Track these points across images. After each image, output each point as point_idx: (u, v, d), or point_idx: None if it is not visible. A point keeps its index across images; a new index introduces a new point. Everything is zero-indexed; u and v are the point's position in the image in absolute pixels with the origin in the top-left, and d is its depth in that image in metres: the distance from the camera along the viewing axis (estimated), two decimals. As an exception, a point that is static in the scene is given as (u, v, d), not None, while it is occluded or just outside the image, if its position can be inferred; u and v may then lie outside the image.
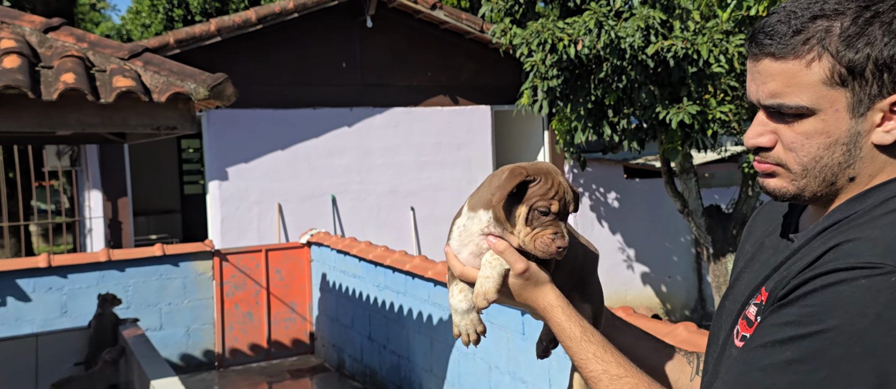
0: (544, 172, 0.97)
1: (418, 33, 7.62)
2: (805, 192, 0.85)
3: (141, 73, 2.86)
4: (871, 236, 0.76)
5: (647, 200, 8.44)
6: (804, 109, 0.81)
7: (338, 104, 7.30)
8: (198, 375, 5.85)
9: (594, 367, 0.89)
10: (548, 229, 0.94)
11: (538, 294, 0.96)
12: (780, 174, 0.86)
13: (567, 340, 0.93)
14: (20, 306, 5.25)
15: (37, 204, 7.94)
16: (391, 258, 4.86)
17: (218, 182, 6.80)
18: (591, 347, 0.90)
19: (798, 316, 0.74)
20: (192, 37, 6.36)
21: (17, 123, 2.54)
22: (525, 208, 0.94)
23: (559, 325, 0.94)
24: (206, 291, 6.01)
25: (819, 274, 0.75)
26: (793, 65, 0.80)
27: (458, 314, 0.98)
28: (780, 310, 0.76)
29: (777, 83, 0.82)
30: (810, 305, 0.73)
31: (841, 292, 0.72)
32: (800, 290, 0.76)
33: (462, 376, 4.11)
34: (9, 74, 2.45)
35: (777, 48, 0.81)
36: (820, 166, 0.83)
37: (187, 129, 2.99)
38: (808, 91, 0.80)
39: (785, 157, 0.84)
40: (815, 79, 0.80)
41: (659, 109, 5.62)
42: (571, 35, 5.68)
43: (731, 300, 0.93)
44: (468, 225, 1.00)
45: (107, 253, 5.57)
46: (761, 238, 0.98)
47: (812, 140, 0.82)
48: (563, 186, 0.96)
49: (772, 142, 0.85)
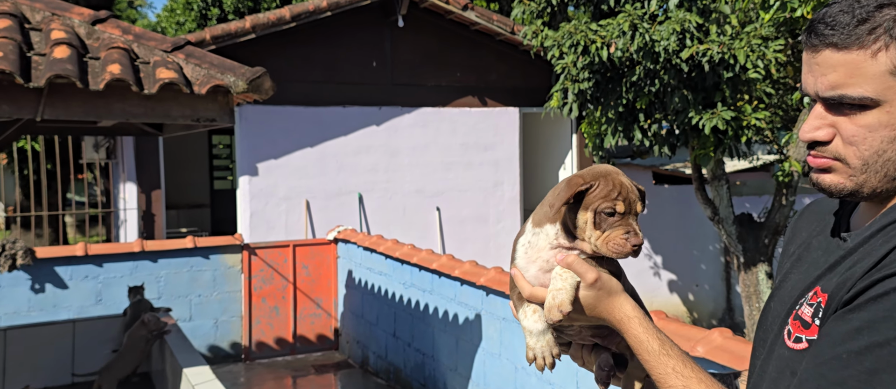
0: (602, 174, 0.95)
1: (449, 34, 7.65)
2: (864, 188, 0.82)
3: (183, 65, 2.92)
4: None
5: (676, 206, 8.33)
6: (868, 100, 0.79)
7: (367, 103, 7.35)
8: (225, 367, 5.94)
9: (674, 383, 0.86)
10: (618, 229, 0.92)
11: (613, 305, 0.93)
12: (838, 170, 0.83)
13: (645, 353, 0.90)
14: (57, 292, 5.39)
15: (73, 196, 8.13)
16: (418, 257, 4.88)
17: (248, 177, 6.91)
18: (670, 361, 0.87)
19: (871, 322, 0.71)
20: (227, 33, 6.47)
21: (66, 112, 2.62)
22: (590, 213, 0.93)
23: (636, 338, 0.91)
24: (235, 284, 6.10)
25: (889, 275, 0.72)
26: (857, 55, 0.78)
27: (534, 337, 0.95)
28: (848, 316, 0.74)
29: (839, 74, 0.80)
30: (883, 310, 0.71)
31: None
32: (868, 293, 0.73)
33: (487, 376, 4.10)
34: (59, 63, 2.53)
35: (840, 38, 0.79)
36: (882, 161, 0.80)
37: (226, 121, 3.05)
38: (873, 82, 0.78)
39: (844, 151, 0.82)
40: (881, 69, 0.78)
41: (692, 114, 5.54)
42: (604, 37, 5.64)
43: (778, 302, 0.91)
44: (534, 241, 0.97)
45: (140, 244, 5.69)
46: (808, 239, 0.95)
47: (875, 133, 0.79)
48: (625, 185, 0.95)
49: (830, 135, 0.82)
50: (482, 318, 4.15)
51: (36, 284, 5.33)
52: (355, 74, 7.32)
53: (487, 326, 4.11)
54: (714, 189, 6.56)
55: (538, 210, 0.99)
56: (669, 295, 8.36)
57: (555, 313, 0.91)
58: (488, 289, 4.04)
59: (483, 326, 4.15)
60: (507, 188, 7.91)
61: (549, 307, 0.91)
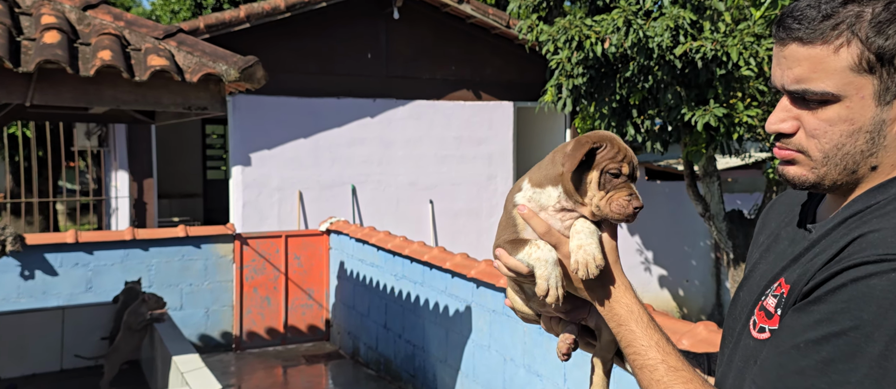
0: (607, 138, 0.95)
1: (444, 27, 7.63)
2: (825, 180, 0.84)
3: (174, 53, 2.91)
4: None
5: (667, 202, 8.37)
6: (829, 95, 0.80)
7: (362, 95, 7.34)
8: (215, 356, 5.94)
9: (654, 355, 0.86)
10: (621, 190, 0.91)
11: (617, 270, 0.93)
12: (801, 162, 0.85)
13: (634, 323, 0.89)
14: (47, 279, 5.37)
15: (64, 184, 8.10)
16: (409, 248, 4.89)
17: (241, 167, 6.89)
18: (655, 335, 0.88)
19: (829, 313, 0.73)
20: (221, 22, 6.44)
21: (56, 97, 2.61)
22: (596, 172, 0.92)
23: (629, 307, 0.91)
24: (227, 274, 6.09)
25: (846, 268, 0.74)
26: (820, 50, 0.80)
27: (549, 266, 0.89)
28: (808, 307, 0.75)
29: (803, 68, 0.81)
30: (841, 301, 0.72)
31: (872, 286, 0.71)
32: (827, 285, 0.75)
33: (477, 367, 4.13)
34: (49, 48, 2.52)
35: (805, 33, 0.80)
36: (842, 154, 0.82)
37: (217, 110, 3.04)
38: (834, 77, 0.79)
39: (807, 144, 0.83)
40: (842, 65, 0.79)
41: (685, 110, 5.57)
42: (599, 33, 5.65)
43: (746, 292, 0.92)
44: (533, 197, 0.95)
45: (132, 232, 5.68)
46: (777, 230, 0.97)
47: (835, 127, 0.81)
48: (628, 149, 0.95)
49: (794, 128, 0.84)
50: (472, 310, 4.17)
51: (26, 270, 5.31)
52: (350, 65, 7.31)
53: (477, 318, 4.13)
54: (705, 186, 6.60)
55: (536, 171, 0.98)
56: (660, 290, 8.41)
57: (592, 267, 0.88)
58: (479, 281, 4.05)
59: (473, 318, 4.17)
60: (500, 182, 7.92)
61: (583, 261, 0.88)
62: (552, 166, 0.96)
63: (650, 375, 0.85)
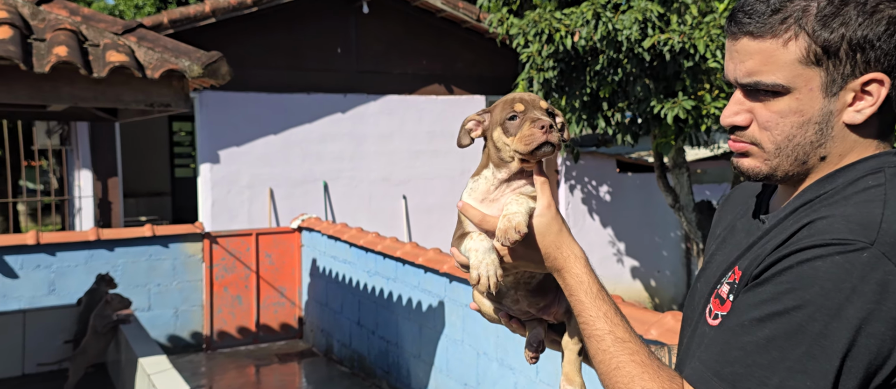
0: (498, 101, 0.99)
1: (414, 21, 7.59)
2: (778, 171, 0.86)
3: (135, 49, 2.83)
4: (845, 214, 0.77)
5: (639, 194, 8.48)
6: (780, 87, 0.82)
7: (332, 90, 7.26)
8: (185, 356, 5.84)
9: (602, 326, 0.86)
10: (524, 125, 0.92)
11: (564, 240, 0.92)
12: (754, 154, 0.86)
13: (582, 294, 0.89)
14: (7, 282, 5.21)
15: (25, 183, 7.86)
16: (382, 245, 4.86)
17: (209, 165, 6.77)
18: (603, 305, 0.88)
19: (774, 294, 0.75)
20: (186, 17, 6.30)
21: (9, 95, 2.52)
22: (498, 130, 0.95)
23: (578, 277, 0.90)
24: (196, 273, 5.99)
25: (794, 251, 0.76)
26: (770, 44, 0.81)
27: (480, 254, 0.89)
28: (755, 288, 0.78)
29: (754, 62, 0.83)
30: (786, 282, 0.75)
31: (816, 268, 0.73)
32: (775, 268, 0.77)
33: (450, 362, 4.13)
34: (0, 45, 2.42)
35: (755, 27, 0.82)
36: (793, 145, 0.84)
37: (181, 107, 2.97)
38: (784, 70, 0.81)
39: (759, 136, 0.85)
40: (791, 58, 0.81)
41: (654, 103, 5.63)
42: (568, 26, 5.67)
43: (703, 282, 0.94)
44: (475, 187, 0.98)
45: (96, 232, 5.53)
46: (733, 221, 0.99)
47: (786, 119, 0.83)
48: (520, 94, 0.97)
49: (747, 121, 0.86)
50: (445, 305, 4.17)
51: (-16, 274, 5.14)
52: (320, 60, 7.22)
53: (450, 313, 4.13)
54: (675, 177, 6.70)
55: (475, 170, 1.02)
56: (632, 281, 8.52)
57: (512, 233, 0.88)
58: (452, 277, 4.05)
59: (446, 313, 4.17)
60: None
61: (504, 228, 0.88)
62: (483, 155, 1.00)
63: (597, 345, 0.86)
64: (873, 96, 0.81)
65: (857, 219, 0.76)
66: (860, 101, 0.81)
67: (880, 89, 0.80)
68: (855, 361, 0.72)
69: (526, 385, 3.35)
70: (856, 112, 0.82)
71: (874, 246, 0.73)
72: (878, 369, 0.73)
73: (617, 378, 0.82)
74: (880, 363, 0.72)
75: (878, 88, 0.80)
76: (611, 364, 0.83)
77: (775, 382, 0.72)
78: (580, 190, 8.38)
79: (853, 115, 0.82)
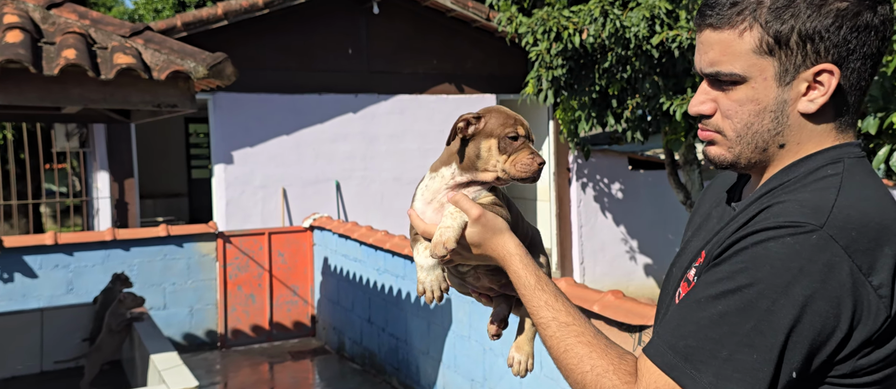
0: (492, 109, 1.01)
1: (424, 20, 7.63)
2: (740, 159, 0.89)
3: (141, 51, 2.90)
4: (799, 199, 0.80)
5: (651, 191, 8.43)
6: (737, 76, 0.85)
7: (343, 90, 7.33)
8: (200, 354, 5.94)
9: (545, 314, 0.90)
10: (522, 151, 0.96)
11: (498, 242, 0.97)
12: (719, 142, 0.90)
13: (522, 288, 0.94)
14: (27, 282, 5.34)
15: (47, 186, 8.07)
16: (391, 242, 4.91)
17: (223, 166, 6.87)
18: (543, 295, 0.92)
19: (729, 272, 0.78)
20: (199, 20, 6.41)
21: (20, 97, 2.60)
22: (494, 140, 0.97)
23: (516, 273, 0.95)
24: (210, 272, 6.09)
25: (750, 233, 0.79)
26: (728, 34, 0.85)
27: (424, 271, 0.98)
28: (713, 268, 0.81)
29: (715, 52, 0.86)
30: (740, 261, 0.78)
31: (768, 248, 0.76)
32: (732, 249, 0.80)
33: (457, 358, 4.15)
34: (11, 48, 2.50)
35: (715, 19, 0.86)
36: (751, 133, 0.87)
37: (187, 107, 3.04)
38: (740, 60, 0.84)
39: (722, 124, 0.88)
40: (746, 48, 0.84)
41: (663, 99, 5.60)
42: (577, 24, 5.67)
43: (677, 267, 0.97)
44: (429, 184, 1.02)
45: (112, 232, 5.65)
46: (709, 210, 1.02)
47: (744, 107, 0.86)
48: (517, 115, 1.00)
49: (712, 110, 0.89)
50: (452, 302, 4.20)
51: (4, 273, 5.28)
52: (331, 61, 7.29)
53: (457, 310, 4.16)
54: (686, 174, 6.65)
55: (437, 159, 1.04)
56: (645, 279, 8.47)
57: (439, 249, 0.94)
58: (457, 273, 4.07)
59: (453, 310, 4.20)
60: (484, 175, 7.93)
61: (435, 243, 0.95)
62: (447, 149, 1.02)
63: (544, 332, 0.90)
64: (824, 86, 0.83)
65: (811, 204, 0.78)
66: (813, 90, 0.84)
67: (831, 79, 0.83)
68: (799, 336, 0.74)
69: (531, 380, 3.36)
70: (809, 101, 0.84)
71: (823, 229, 0.75)
72: (821, 345, 0.75)
73: (567, 360, 0.86)
74: (823, 340, 0.75)
75: (828, 78, 0.83)
76: (559, 347, 0.87)
77: (724, 355, 0.75)
78: (592, 188, 8.36)
79: (806, 104, 0.84)
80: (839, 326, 0.75)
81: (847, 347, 0.76)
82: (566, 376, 0.87)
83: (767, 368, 0.74)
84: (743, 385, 0.74)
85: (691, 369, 0.76)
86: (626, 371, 0.82)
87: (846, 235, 0.75)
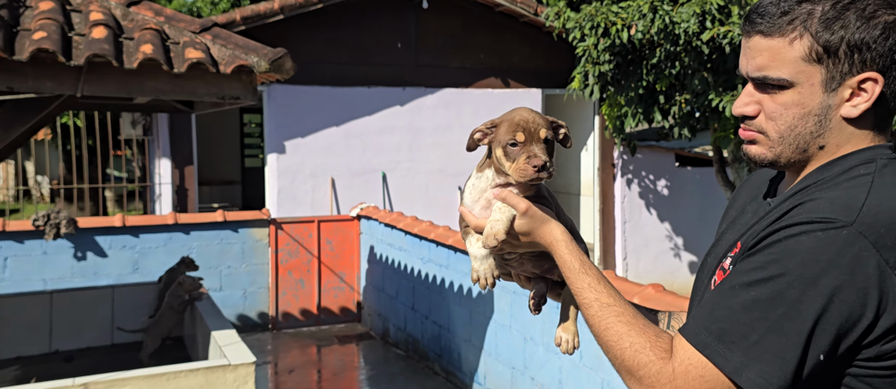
0: (506, 117, 1.10)
1: (472, 15, 7.72)
2: (781, 158, 0.95)
3: (210, 46, 3.11)
4: (832, 196, 0.86)
5: (699, 189, 8.31)
6: (785, 81, 0.91)
7: (391, 83, 7.50)
8: (253, 335, 6.23)
9: (588, 295, 0.98)
10: (520, 157, 1.05)
11: (544, 230, 1.06)
12: (761, 141, 0.96)
13: (567, 271, 1.03)
14: (97, 260, 5.73)
15: (112, 172, 8.55)
16: (435, 233, 5.04)
17: (276, 155, 7.15)
18: (586, 278, 1.00)
19: (763, 263, 0.85)
20: (257, 14, 6.68)
21: (102, 89, 2.83)
22: (499, 150, 1.08)
23: (561, 257, 1.04)
24: (263, 257, 6.36)
25: (784, 227, 0.86)
26: (778, 42, 0.91)
27: (477, 261, 1.10)
28: (748, 258, 0.88)
29: (764, 58, 0.92)
30: (773, 253, 0.85)
31: (800, 242, 0.83)
32: (766, 240, 0.87)
33: (498, 346, 4.27)
34: (97, 43, 2.74)
35: (766, 27, 0.92)
36: (794, 135, 0.93)
37: (249, 99, 3.23)
38: (789, 66, 0.91)
39: (766, 125, 0.95)
40: (795, 55, 0.90)
41: (712, 96, 5.55)
42: (625, 19, 5.66)
43: (712, 257, 1.04)
44: (476, 183, 1.12)
45: (174, 217, 5.98)
46: (744, 204, 1.08)
47: (789, 111, 0.92)
48: (525, 118, 1.08)
49: (756, 111, 0.95)
50: (494, 292, 4.31)
51: (78, 252, 5.68)
52: (380, 55, 7.47)
53: (499, 299, 4.27)
54: (734, 171, 6.55)
55: (481, 159, 1.15)
56: (689, 276, 8.38)
57: (491, 240, 1.05)
58: (500, 264, 4.18)
59: (495, 299, 4.31)
60: (528, 169, 7.98)
61: (486, 235, 1.05)
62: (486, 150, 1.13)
63: (586, 311, 0.98)
64: (868, 93, 0.89)
65: (842, 201, 0.85)
66: (857, 97, 0.90)
67: (874, 87, 0.89)
68: (826, 324, 0.81)
69: (570, 368, 3.45)
70: (852, 107, 0.90)
71: (853, 225, 0.82)
72: (848, 332, 0.82)
73: (607, 337, 0.94)
74: (850, 327, 0.82)
75: (872, 86, 0.89)
76: (600, 326, 0.95)
77: (755, 338, 0.82)
78: (637, 184, 8.31)
79: (850, 109, 0.91)
80: (865, 314, 0.81)
81: (872, 333, 0.83)
82: (606, 351, 0.95)
83: (794, 351, 0.81)
84: (770, 366, 0.81)
85: (724, 348, 0.83)
86: (663, 348, 0.89)
87: (875, 231, 0.81)
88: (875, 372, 0.86)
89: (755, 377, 0.82)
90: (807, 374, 0.82)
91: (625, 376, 0.91)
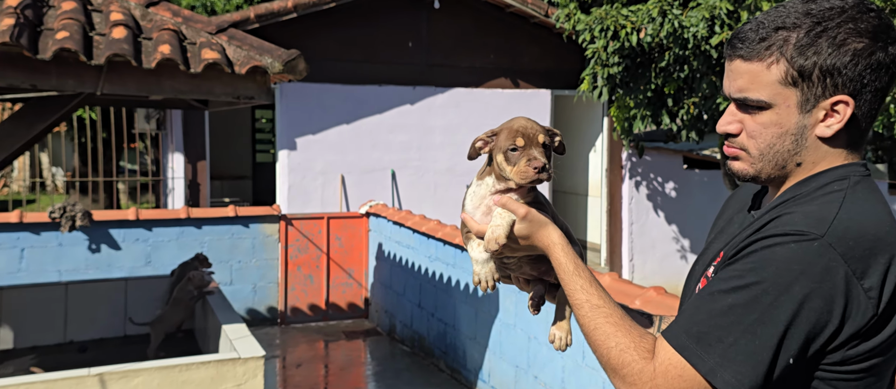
0: (505, 126, 1.17)
1: (483, 15, 7.77)
2: (761, 174, 1.02)
3: (225, 46, 3.19)
4: (806, 211, 0.93)
5: (706, 191, 8.33)
6: (763, 103, 0.98)
7: (402, 82, 7.57)
8: (262, 329, 6.32)
9: (579, 296, 1.05)
10: (521, 160, 1.12)
11: (543, 234, 1.12)
12: (743, 158, 1.03)
13: (562, 273, 1.09)
14: (111, 253, 5.84)
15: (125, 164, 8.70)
16: (443, 232, 5.11)
17: (287, 152, 7.24)
18: (579, 280, 1.06)
19: (741, 271, 0.92)
20: (270, 12, 6.76)
21: (122, 87, 2.92)
22: (500, 156, 1.14)
23: (557, 260, 1.10)
24: (273, 252, 6.46)
25: (761, 238, 0.93)
26: (757, 66, 0.98)
27: (479, 264, 1.16)
28: (727, 266, 0.95)
29: (744, 80, 0.99)
30: (750, 262, 0.92)
31: (775, 252, 0.90)
32: (744, 251, 0.94)
33: (503, 345, 4.33)
34: (117, 43, 2.82)
35: (746, 51, 0.99)
36: (773, 152, 1.00)
37: (263, 99, 3.31)
38: (767, 88, 0.98)
39: (747, 143, 1.02)
40: (773, 79, 0.97)
41: (720, 99, 5.58)
42: (635, 23, 5.70)
43: (700, 264, 1.11)
44: (477, 190, 1.19)
45: (186, 211, 6.08)
46: (731, 216, 1.15)
47: (768, 130, 0.99)
48: (524, 125, 1.14)
49: (738, 130, 1.02)
50: (499, 291, 4.37)
51: (93, 244, 5.79)
52: (391, 54, 7.54)
53: (504, 298, 4.33)
54: (742, 176, 6.57)
55: (481, 167, 1.21)
56: (696, 280, 8.39)
57: (492, 244, 1.11)
58: (506, 264, 4.24)
59: (500, 298, 4.37)
60: (536, 169, 8.02)
61: (487, 239, 1.11)
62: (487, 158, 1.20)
63: (578, 312, 1.05)
64: (840, 114, 0.96)
65: (816, 215, 0.91)
66: (830, 118, 0.97)
67: (846, 109, 0.96)
68: (797, 329, 0.88)
69: (573, 368, 3.51)
70: (826, 127, 0.97)
71: (824, 238, 0.88)
72: (815, 336, 0.89)
73: (595, 337, 1.00)
74: (817, 332, 0.89)
75: (844, 108, 0.96)
76: (590, 326, 1.02)
77: (730, 340, 0.89)
78: (645, 186, 8.33)
79: (824, 129, 0.97)
80: (831, 321, 0.88)
81: (838, 339, 0.89)
82: (594, 350, 1.02)
83: (766, 354, 0.87)
84: (744, 367, 0.87)
85: (701, 350, 0.90)
86: (646, 348, 0.95)
87: (844, 244, 0.88)
88: (841, 376, 0.92)
89: (729, 377, 0.88)
90: (777, 376, 0.89)
91: (610, 373, 0.98)
